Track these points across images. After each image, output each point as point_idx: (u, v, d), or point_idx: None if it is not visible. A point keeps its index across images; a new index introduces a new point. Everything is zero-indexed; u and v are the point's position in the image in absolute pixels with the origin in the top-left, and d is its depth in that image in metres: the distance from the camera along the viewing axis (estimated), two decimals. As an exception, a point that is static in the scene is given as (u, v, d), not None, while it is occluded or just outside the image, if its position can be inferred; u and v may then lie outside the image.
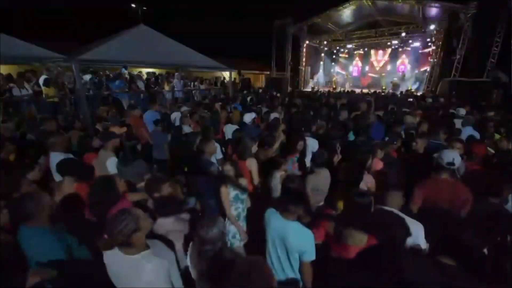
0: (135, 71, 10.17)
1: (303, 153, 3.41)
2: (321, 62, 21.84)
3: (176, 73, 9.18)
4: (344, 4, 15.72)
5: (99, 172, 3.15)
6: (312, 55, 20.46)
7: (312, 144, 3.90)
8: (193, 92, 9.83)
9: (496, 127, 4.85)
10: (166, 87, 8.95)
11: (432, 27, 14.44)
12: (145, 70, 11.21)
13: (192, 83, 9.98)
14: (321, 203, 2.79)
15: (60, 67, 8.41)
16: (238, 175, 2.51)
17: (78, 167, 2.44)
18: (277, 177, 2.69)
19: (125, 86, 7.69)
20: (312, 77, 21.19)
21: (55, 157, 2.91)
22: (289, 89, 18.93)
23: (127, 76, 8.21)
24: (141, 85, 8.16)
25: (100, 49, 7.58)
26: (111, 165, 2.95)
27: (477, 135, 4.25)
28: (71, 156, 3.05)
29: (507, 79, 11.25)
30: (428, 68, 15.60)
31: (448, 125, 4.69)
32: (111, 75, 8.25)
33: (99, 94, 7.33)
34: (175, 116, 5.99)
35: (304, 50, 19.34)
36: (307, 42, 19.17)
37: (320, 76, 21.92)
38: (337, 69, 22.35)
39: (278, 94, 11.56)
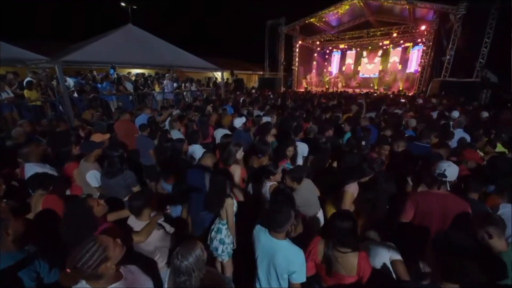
0: (125, 72, 9.90)
1: (293, 160, 3.31)
2: (314, 62, 21.86)
3: (166, 74, 8.96)
4: (336, 5, 15.76)
5: (80, 184, 2.98)
6: (305, 55, 20.43)
7: (302, 149, 3.80)
8: (184, 93, 9.62)
9: (487, 128, 4.86)
10: (157, 89, 8.72)
11: (422, 27, 14.58)
12: (135, 71, 10.96)
13: (183, 84, 9.76)
14: (318, 212, 2.70)
15: (47, 69, 8.10)
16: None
17: (50, 181, 2.25)
18: (267, 186, 2.58)
19: (112, 87, 7.44)
20: (305, 77, 21.18)
21: (30, 169, 2.72)
22: (282, 89, 18.89)
23: (115, 77, 7.95)
24: (129, 86, 7.92)
25: (85, 50, 7.33)
26: (91, 178, 2.77)
27: (467, 137, 4.25)
28: (47, 166, 2.88)
29: (495, 79, 11.45)
30: (419, 68, 15.76)
31: (442, 128, 4.68)
32: (97, 76, 7.98)
33: (85, 96, 7.06)
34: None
35: (297, 50, 19.28)
36: (300, 42, 19.13)
37: (313, 76, 21.93)
38: (329, 69, 22.41)
39: (272, 95, 11.45)
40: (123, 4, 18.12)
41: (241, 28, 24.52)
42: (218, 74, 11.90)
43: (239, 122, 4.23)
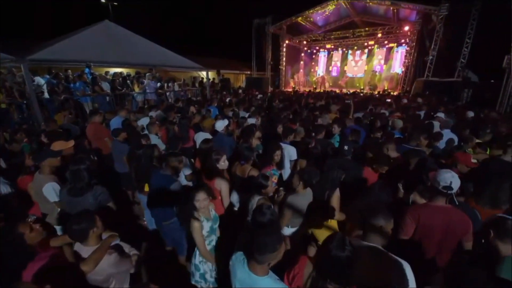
0: (102, 72, 9.34)
1: (279, 165, 3.07)
2: (301, 62, 21.83)
3: (147, 73, 8.48)
4: (322, 4, 15.76)
5: (36, 199, 2.61)
6: (292, 54, 20.33)
7: (290, 152, 3.58)
8: (167, 94, 9.19)
9: (473, 128, 4.84)
10: (136, 89, 8.24)
11: (406, 28, 14.83)
12: (114, 71, 10.37)
13: (165, 84, 9.32)
14: (296, 227, 2.49)
15: (14, 69, 7.46)
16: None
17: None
18: (255, 201, 2.31)
19: (86, 88, 6.93)
20: (292, 77, 21.11)
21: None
22: (270, 89, 18.72)
23: (90, 76, 7.42)
24: (106, 86, 7.42)
25: (55, 47, 6.82)
26: (49, 192, 2.40)
27: (455, 138, 4.19)
28: (0, 180, 2.50)
29: (476, 79, 11.78)
30: (402, 68, 16.04)
31: (427, 129, 4.61)
32: (71, 76, 7.43)
33: (56, 97, 6.53)
34: (143, 122, 5.46)
35: (284, 49, 19.15)
36: (286, 41, 19.01)
37: (300, 76, 21.91)
38: (316, 69, 22.49)
39: (259, 96, 11.22)
40: (103, 0, 17.34)
41: (228, 26, 24.17)
42: (203, 74, 11.54)
43: (220, 125, 3.94)
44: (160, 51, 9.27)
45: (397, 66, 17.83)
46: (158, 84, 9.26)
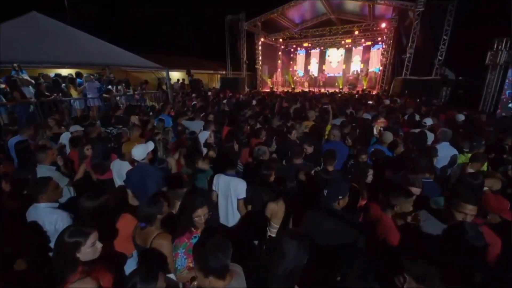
0: (35, 74, 7.70)
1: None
2: (279, 61, 20.97)
3: (85, 75, 6.96)
4: (297, 0, 14.92)
5: None
6: (269, 53, 19.35)
7: (237, 189, 2.49)
8: (117, 98, 7.74)
9: (465, 136, 4.07)
10: (74, 93, 6.74)
11: (383, 25, 14.39)
12: (55, 72, 8.69)
13: (115, 87, 7.85)
14: None
15: None
16: None
17: None
18: None
19: (-2, 96, 5.37)
20: (270, 77, 20.15)
21: None
22: (246, 89, 17.63)
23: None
24: (29, 92, 5.88)
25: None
26: None
27: (456, 152, 3.35)
28: None
29: (453, 77, 11.49)
30: (380, 67, 15.67)
31: (419, 139, 3.76)
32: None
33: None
34: (64, 139, 4.13)
35: (260, 48, 18.09)
36: (262, 39, 17.97)
37: (278, 75, 21.04)
38: (295, 68, 21.77)
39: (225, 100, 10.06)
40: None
41: (201, 23, 22.65)
42: (174, 74, 10.17)
43: (141, 151, 2.60)
44: (107, 49, 7.83)
45: (374, 64, 17.53)
46: (109, 87, 7.80)
